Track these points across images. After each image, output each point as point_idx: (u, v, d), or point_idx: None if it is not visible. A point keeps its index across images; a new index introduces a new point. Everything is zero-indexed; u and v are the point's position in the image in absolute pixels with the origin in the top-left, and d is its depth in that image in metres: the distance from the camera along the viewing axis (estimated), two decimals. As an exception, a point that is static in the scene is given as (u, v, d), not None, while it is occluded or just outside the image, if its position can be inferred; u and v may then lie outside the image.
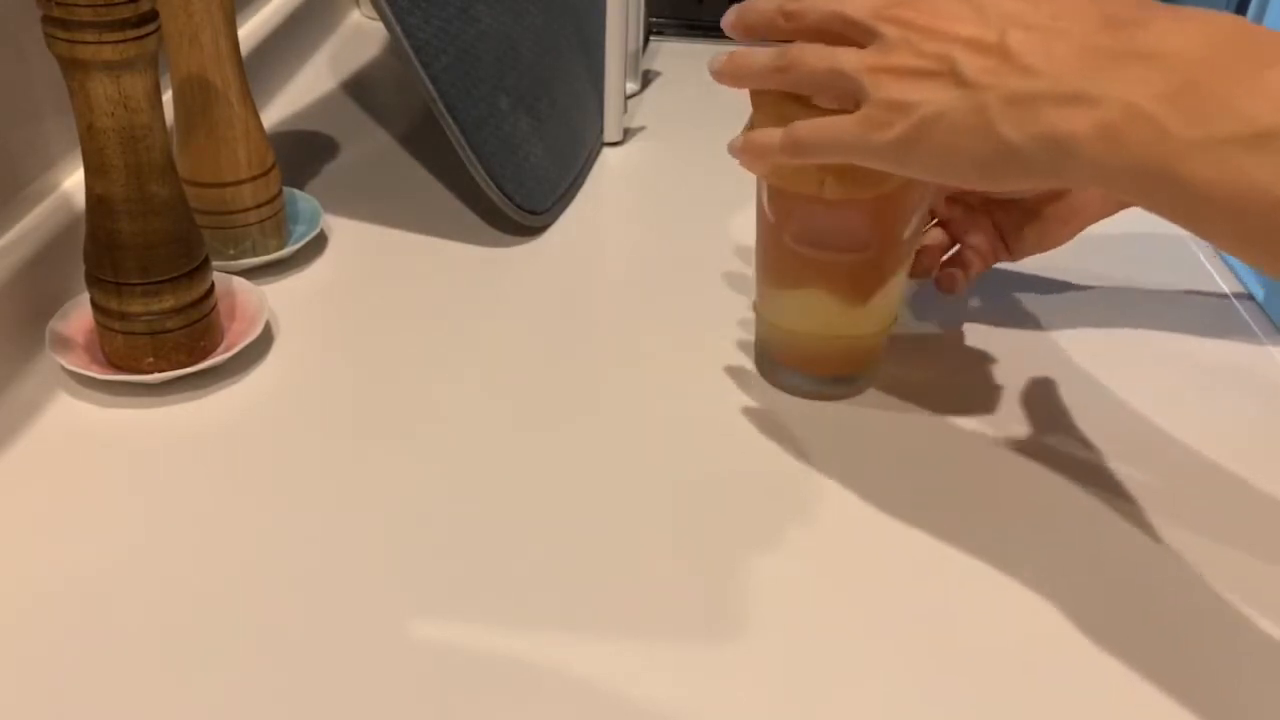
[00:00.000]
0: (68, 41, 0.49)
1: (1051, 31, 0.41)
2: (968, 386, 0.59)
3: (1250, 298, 0.68)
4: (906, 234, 0.54)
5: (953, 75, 0.42)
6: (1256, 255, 0.38)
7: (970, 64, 0.42)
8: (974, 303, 0.66)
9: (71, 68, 0.50)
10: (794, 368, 0.59)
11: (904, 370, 0.60)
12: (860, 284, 0.55)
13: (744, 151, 0.51)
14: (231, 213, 0.64)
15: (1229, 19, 0.39)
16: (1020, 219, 0.61)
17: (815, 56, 0.47)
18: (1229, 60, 0.37)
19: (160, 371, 0.55)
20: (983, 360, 0.62)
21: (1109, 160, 0.39)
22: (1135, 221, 0.76)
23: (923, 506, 0.52)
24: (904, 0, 0.44)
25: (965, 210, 0.62)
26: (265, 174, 0.64)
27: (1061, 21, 0.41)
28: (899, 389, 0.59)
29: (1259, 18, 2.06)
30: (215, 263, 0.59)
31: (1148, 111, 0.38)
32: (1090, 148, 0.39)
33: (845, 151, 0.46)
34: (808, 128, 0.47)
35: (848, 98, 0.46)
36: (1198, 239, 0.75)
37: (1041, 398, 0.59)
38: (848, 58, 0.45)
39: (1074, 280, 0.69)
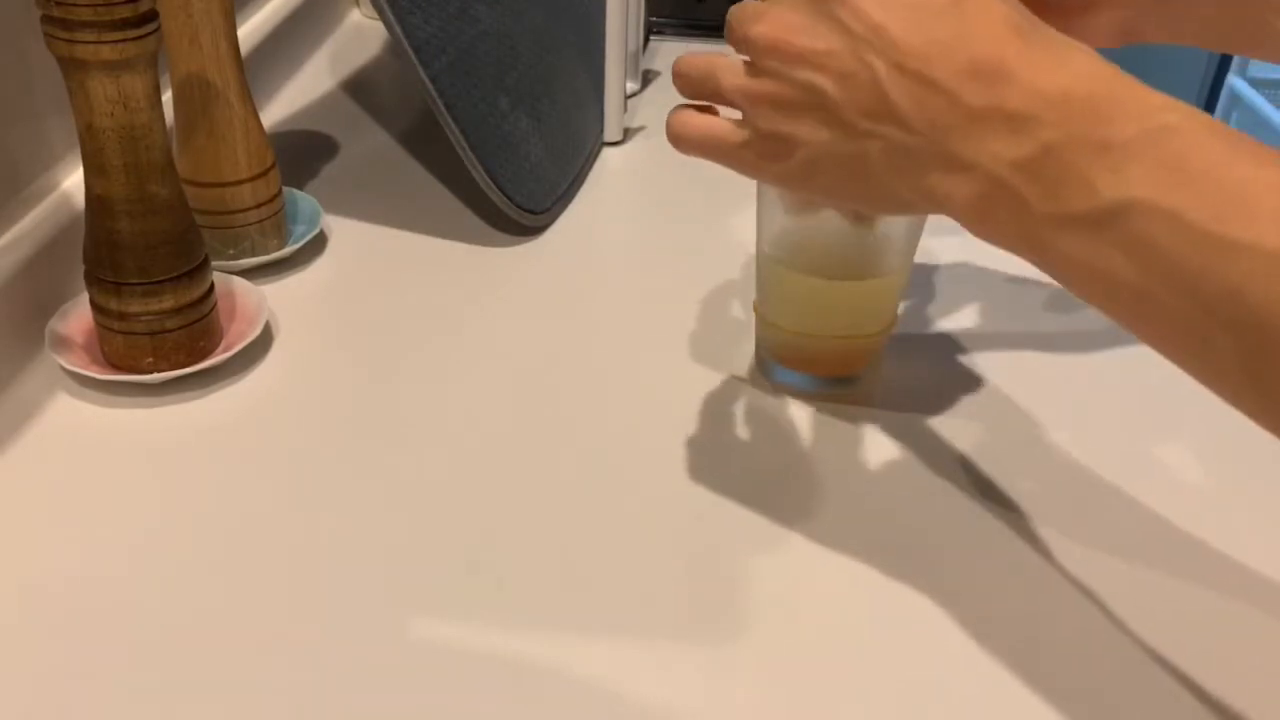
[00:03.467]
0: (67, 41, 0.49)
1: (922, 81, 0.38)
2: (967, 386, 0.59)
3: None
4: None
5: (824, 111, 0.41)
6: (1142, 337, 0.37)
7: (843, 101, 0.40)
8: (974, 302, 0.66)
9: (71, 67, 0.50)
10: (794, 368, 0.59)
11: (904, 370, 0.60)
12: None
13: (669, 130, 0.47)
14: (231, 213, 0.63)
15: (1097, 66, 0.37)
16: None
17: (695, 68, 0.45)
18: (1085, 121, 0.36)
19: (160, 371, 0.55)
20: (982, 360, 0.61)
21: (985, 231, 0.39)
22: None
23: (922, 506, 0.52)
24: (768, 15, 0.42)
25: None
26: (265, 174, 0.64)
27: (931, 64, 0.38)
28: (899, 389, 0.59)
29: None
30: (215, 263, 0.59)
31: (1010, 185, 0.37)
32: (965, 216, 0.39)
33: (735, 169, 0.45)
34: (697, 132, 0.46)
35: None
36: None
37: (1041, 398, 0.59)
38: (725, 76, 0.44)
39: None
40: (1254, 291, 0.33)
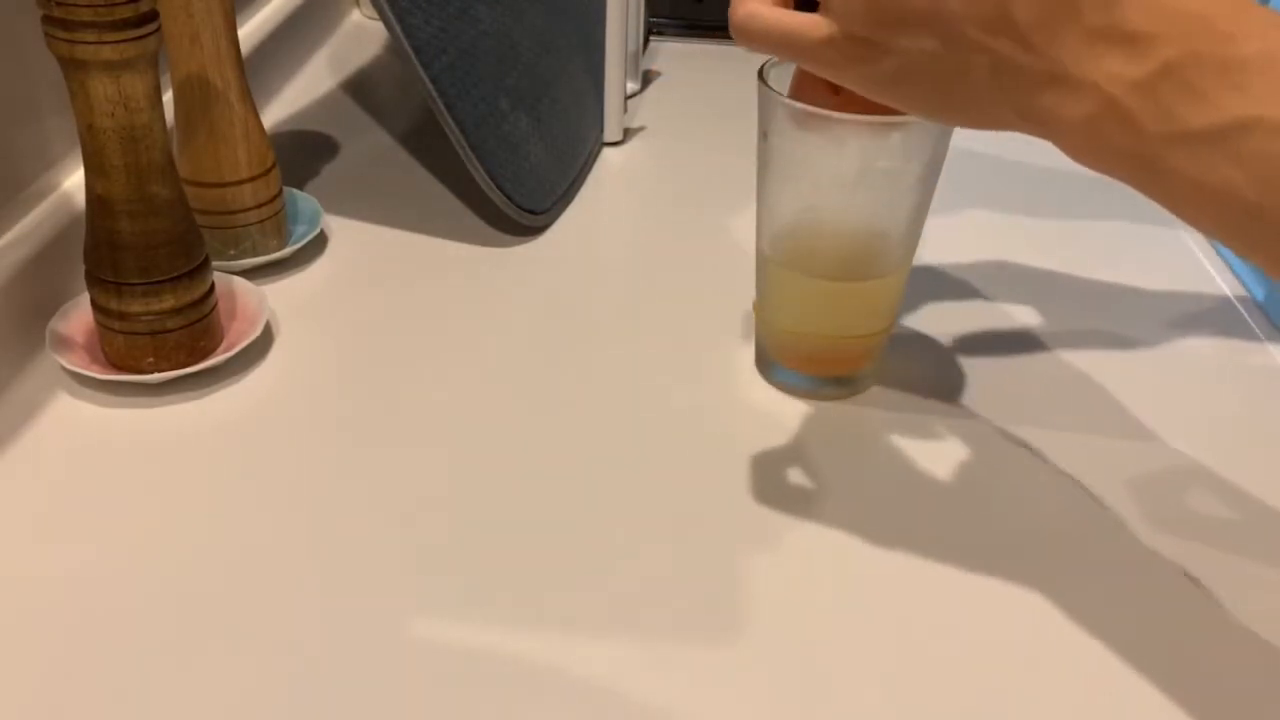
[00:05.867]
0: (68, 41, 0.49)
1: (1053, 2, 0.37)
2: (968, 386, 0.59)
3: (1250, 298, 0.68)
4: None
5: (937, 20, 0.38)
6: (1244, 253, 0.37)
7: (962, 10, 0.38)
8: (974, 302, 0.66)
9: (71, 68, 0.50)
10: (794, 368, 0.59)
11: (904, 370, 0.60)
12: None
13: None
14: (231, 213, 0.64)
15: None
16: None
17: None
18: (1206, 38, 0.35)
19: (160, 371, 0.55)
20: (983, 360, 0.62)
21: (1090, 152, 0.38)
22: (1135, 222, 0.76)
23: (921, 507, 0.52)
24: None
25: None
26: (265, 174, 0.64)
27: None
28: (899, 389, 0.59)
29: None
30: (215, 263, 0.60)
31: (1124, 104, 0.36)
32: (1071, 138, 0.38)
33: (811, 68, 0.43)
34: (765, 24, 0.42)
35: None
36: (1196, 239, 0.75)
37: (1041, 398, 0.59)
38: None
39: (1074, 281, 0.69)
40: None
